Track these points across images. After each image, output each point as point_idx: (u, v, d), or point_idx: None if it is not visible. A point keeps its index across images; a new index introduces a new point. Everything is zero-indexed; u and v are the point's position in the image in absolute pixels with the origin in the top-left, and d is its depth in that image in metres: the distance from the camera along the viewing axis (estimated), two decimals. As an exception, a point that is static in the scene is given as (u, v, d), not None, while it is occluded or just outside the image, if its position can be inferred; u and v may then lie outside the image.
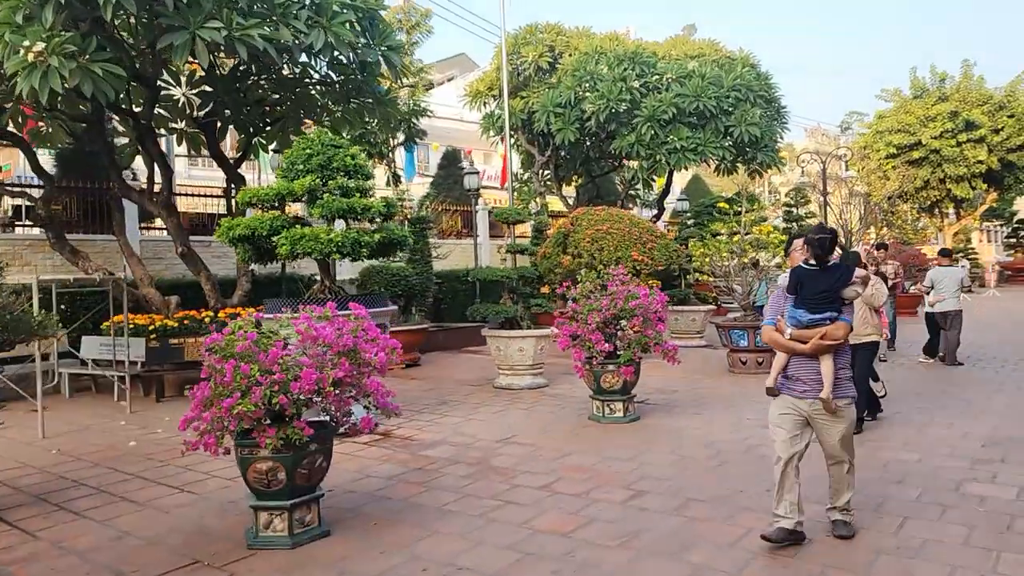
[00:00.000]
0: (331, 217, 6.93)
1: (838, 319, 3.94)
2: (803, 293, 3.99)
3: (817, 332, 3.90)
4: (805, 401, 4.02)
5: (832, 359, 3.93)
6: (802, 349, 3.94)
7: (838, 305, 3.95)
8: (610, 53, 15.13)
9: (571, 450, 6.37)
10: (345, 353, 4.27)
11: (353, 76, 9.29)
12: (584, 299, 7.55)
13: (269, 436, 4.07)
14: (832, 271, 3.98)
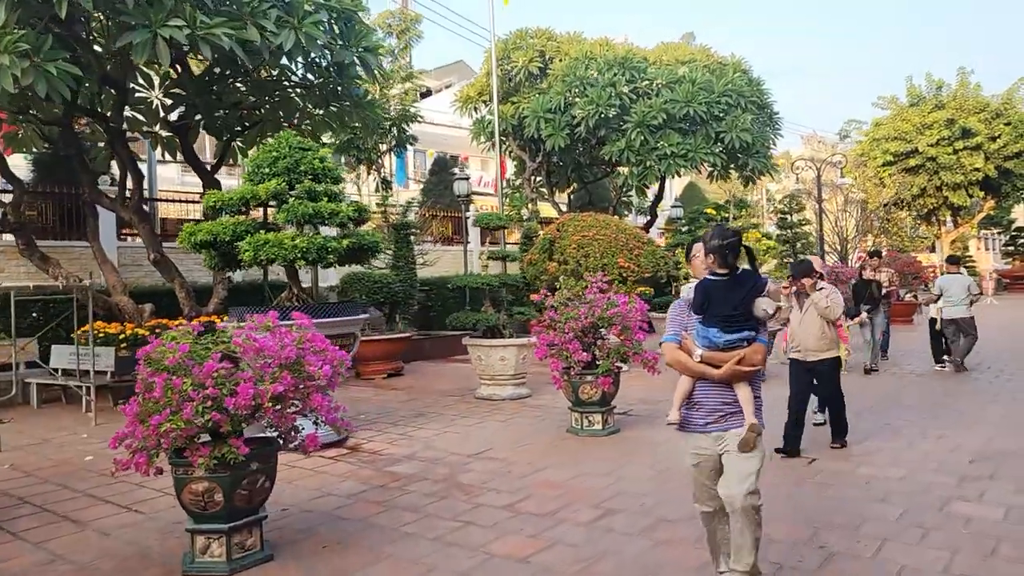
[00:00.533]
0: (297, 222, 6.68)
1: (755, 340, 3.27)
2: (712, 309, 3.28)
3: (733, 356, 3.21)
4: (710, 436, 3.35)
5: (748, 385, 3.29)
6: (714, 375, 3.24)
7: (754, 323, 3.27)
8: (600, 58, 14.94)
9: (544, 465, 6.10)
10: (287, 366, 4.01)
11: (331, 78, 9.06)
12: (562, 307, 7.30)
13: (202, 455, 3.81)
14: (742, 282, 3.28)
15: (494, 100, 15.32)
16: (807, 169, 21.01)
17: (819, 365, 6.31)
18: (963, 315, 10.41)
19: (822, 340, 6.26)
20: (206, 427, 3.81)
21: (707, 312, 3.28)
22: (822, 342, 6.26)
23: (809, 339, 6.29)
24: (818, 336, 6.25)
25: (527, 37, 16.39)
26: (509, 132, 16.93)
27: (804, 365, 6.36)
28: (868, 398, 8.73)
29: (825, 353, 6.29)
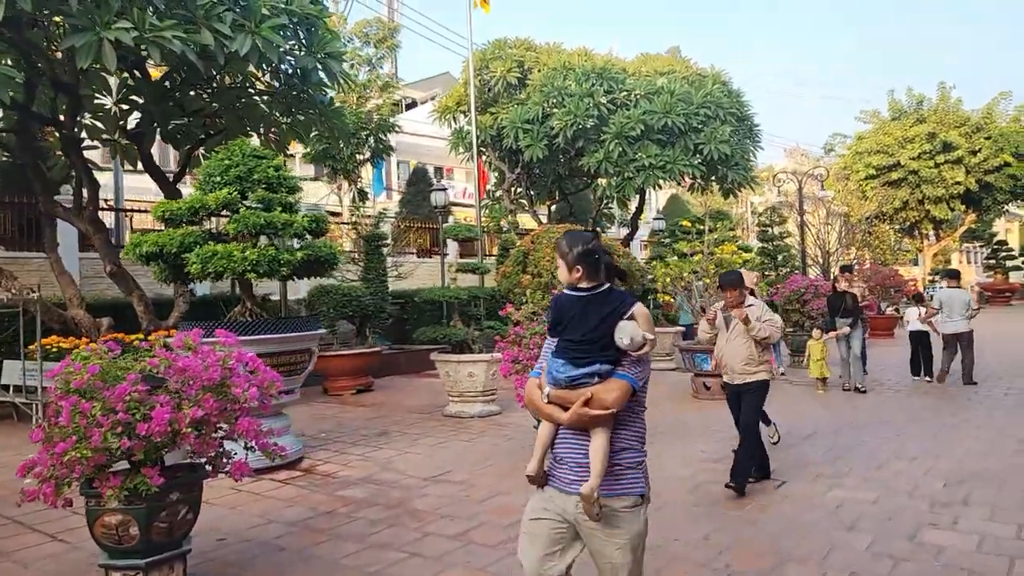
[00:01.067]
0: (248, 233, 6.40)
1: (611, 375, 2.47)
2: (565, 334, 2.57)
3: (580, 395, 2.45)
4: (572, 498, 2.53)
5: (606, 435, 2.45)
6: (562, 420, 2.51)
7: (613, 353, 2.48)
8: (578, 68, 14.79)
9: (504, 489, 5.82)
10: (210, 388, 3.72)
11: (295, 85, 8.81)
12: (528, 322, 7.05)
13: (112, 486, 3.51)
14: (605, 301, 2.56)
15: (472, 110, 15.13)
16: (789, 182, 20.95)
17: (744, 388, 5.69)
18: (964, 329, 10.49)
19: (749, 362, 5.66)
20: (117, 455, 3.51)
21: (560, 336, 2.59)
22: (749, 364, 5.66)
23: (735, 360, 5.70)
24: (745, 357, 5.65)
25: (506, 47, 16.23)
26: (488, 143, 16.73)
27: (733, 388, 5.84)
28: (845, 415, 8.53)
29: (752, 375, 5.67)
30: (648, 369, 2.59)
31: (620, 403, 2.45)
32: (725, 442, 7.23)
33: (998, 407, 8.76)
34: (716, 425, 8.13)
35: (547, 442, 2.65)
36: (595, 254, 2.58)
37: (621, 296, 2.59)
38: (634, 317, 2.51)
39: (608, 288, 2.59)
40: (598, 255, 2.59)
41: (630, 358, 2.50)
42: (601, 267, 2.58)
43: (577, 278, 2.59)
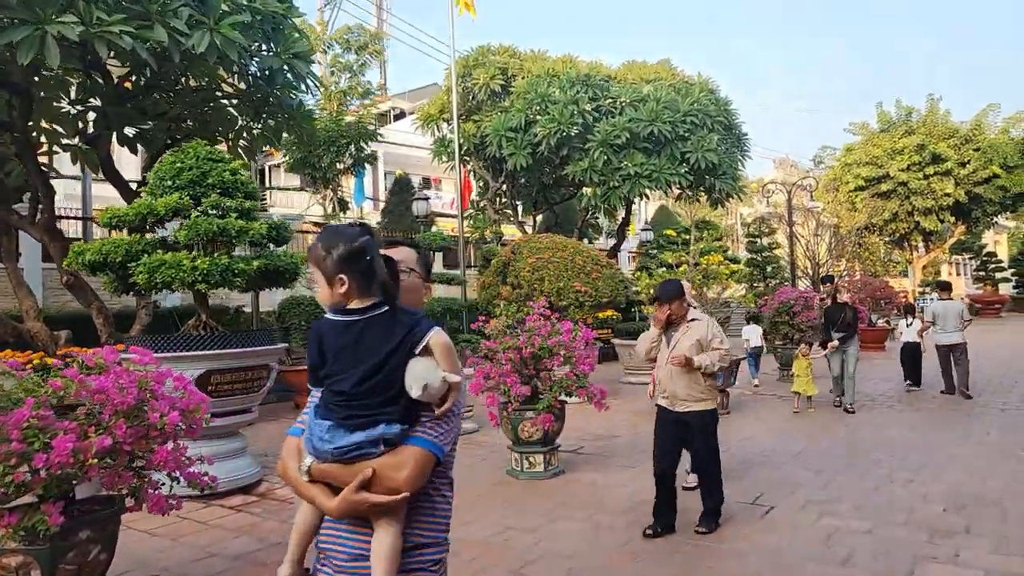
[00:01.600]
0: (201, 241, 5.98)
1: (404, 440, 1.70)
2: (331, 381, 1.74)
3: (355, 474, 1.67)
4: None
5: (395, 528, 1.70)
6: (327, 508, 1.71)
7: (404, 406, 1.70)
8: (563, 75, 14.49)
9: (469, 517, 5.39)
10: (123, 413, 3.30)
11: (261, 87, 8.43)
12: (501, 336, 6.65)
13: (6, 524, 3.08)
14: (388, 328, 1.72)
15: (454, 118, 14.79)
16: (778, 192, 20.72)
17: (690, 417, 4.84)
18: (959, 341, 10.41)
19: (693, 387, 4.80)
20: (12, 491, 3.08)
21: (324, 386, 1.74)
22: (694, 388, 4.80)
23: (678, 385, 4.82)
24: (688, 381, 4.78)
25: (489, 54, 15.93)
26: (472, 151, 16.39)
27: (670, 415, 4.91)
28: (835, 433, 8.16)
29: (698, 403, 4.84)
30: (457, 426, 1.79)
31: (417, 482, 1.68)
32: (710, 463, 6.84)
33: (995, 423, 8.42)
34: (702, 444, 7.74)
35: (308, 534, 1.81)
36: (366, 255, 1.71)
37: (413, 319, 1.73)
38: (430, 351, 1.71)
39: (391, 309, 1.73)
40: (371, 257, 1.71)
41: (431, 414, 1.71)
42: (376, 275, 1.72)
43: (342, 295, 1.72)
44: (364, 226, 1.82)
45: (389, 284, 1.74)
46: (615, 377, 13.79)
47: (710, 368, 4.76)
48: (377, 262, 1.73)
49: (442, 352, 1.73)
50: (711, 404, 4.93)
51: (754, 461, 6.91)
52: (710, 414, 4.93)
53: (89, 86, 8.24)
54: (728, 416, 9.41)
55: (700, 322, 4.93)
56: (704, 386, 4.85)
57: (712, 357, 4.77)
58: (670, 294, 4.91)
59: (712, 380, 4.91)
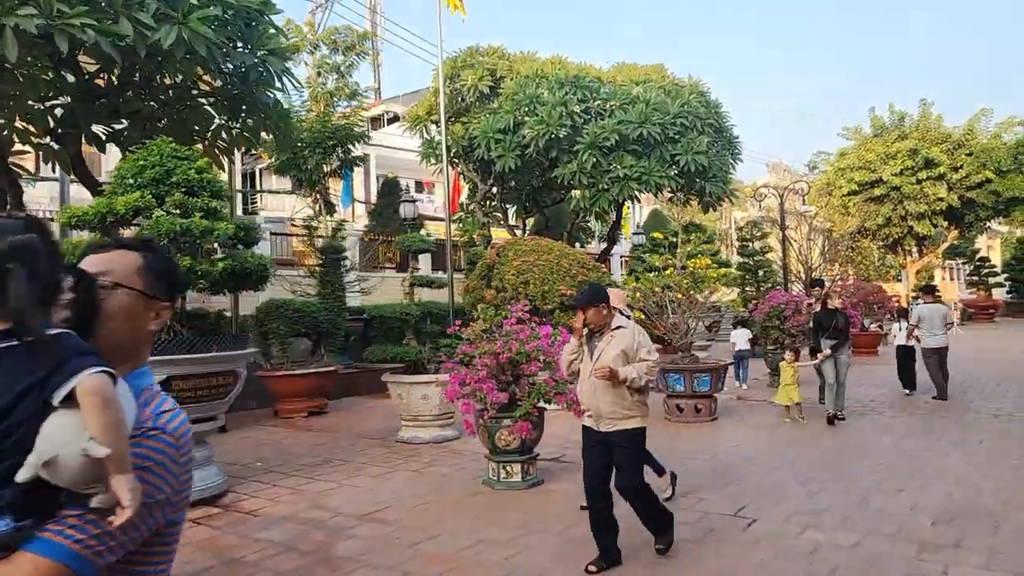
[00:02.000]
0: (163, 241, 5.74)
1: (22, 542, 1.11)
2: None
3: None
4: None
5: None
6: None
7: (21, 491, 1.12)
8: (551, 77, 14.30)
9: (440, 530, 5.16)
10: None
11: (236, 85, 8.20)
12: (478, 340, 6.43)
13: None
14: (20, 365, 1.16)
15: (442, 120, 14.57)
16: (770, 196, 20.57)
17: (615, 437, 4.26)
18: (944, 344, 10.43)
19: (619, 402, 4.24)
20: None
21: None
22: (619, 404, 4.24)
23: (602, 400, 4.25)
24: (612, 397, 4.22)
25: (478, 55, 15.73)
26: (460, 154, 16.18)
27: (595, 435, 4.35)
28: (823, 441, 7.95)
29: (624, 420, 4.26)
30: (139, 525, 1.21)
31: None
32: (695, 471, 6.63)
33: (987, 430, 8.21)
34: (685, 451, 7.52)
35: None
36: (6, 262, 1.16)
37: (61, 356, 1.17)
38: (74, 400, 1.14)
39: (45, 337, 1.18)
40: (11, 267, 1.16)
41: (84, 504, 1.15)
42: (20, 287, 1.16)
43: None
44: (29, 219, 1.25)
45: (29, 306, 1.16)
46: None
47: (637, 381, 4.19)
48: (17, 273, 1.16)
49: (92, 407, 1.13)
50: (639, 421, 4.32)
51: (739, 469, 6.70)
52: (639, 433, 4.33)
53: (57, 82, 8.00)
54: (715, 422, 9.21)
55: (626, 330, 4.33)
56: (631, 401, 4.26)
57: (639, 369, 4.21)
58: (584, 299, 4.30)
59: (641, 395, 4.32)
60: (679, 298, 9.17)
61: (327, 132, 15.58)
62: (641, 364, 4.25)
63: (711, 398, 9.38)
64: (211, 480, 6.13)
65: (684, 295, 9.25)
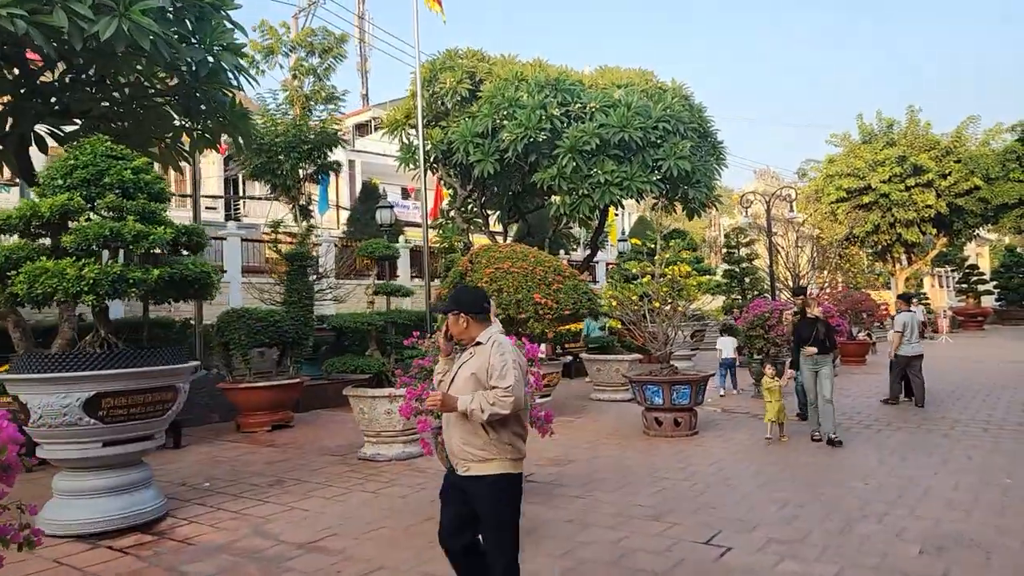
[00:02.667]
0: (90, 247, 5.33)
1: None
2: None
3: None
4: None
5: None
6: None
7: None
8: (531, 79, 13.95)
9: (386, 562, 4.74)
10: None
11: (189, 82, 7.80)
12: (435, 352, 6.01)
13: None
14: None
15: (419, 123, 14.19)
16: (757, 202, 20.28)
17: (468, 484, 3.30)
18: (920, 352, 10.55)
19: (470, 440, 3.28)
20: None
21: None
22: (472, 442, 3.27)
23: (453, 435, 3.35)
24: (463, 431, 3.29)
25: (457, 57, 15.37)
26: (439, 158, 15.79)
27: (452, 477, 3.44)
28: (803, 459, 7.55)
29: (479, 464, 3.27)
30: None
31: None
32: (670, 491, 6.23)
33: (977, 446, 7.85)
34: (663, 469, 7.13)
35: None
36: None
37: None
38: None
39: None
40: None
41: None
42: None
43: None
44: None
45: None
46: (584, 393, 13.20)
47: (478, 416, 3.17)
48: None
49: None
50: (501, 466, 3.27)
51: (715, 490, 6.31)
52: (500, 483, 3.26)
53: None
54: (695, 437, 8.82)
55: (483, 346, 3.34)
56: (487, 440, 3.25)
57: (482, 399, 3.16)
58: (440, 305, 3.68)
59: (506, 431, 3.28)
60: (657, 307, 8.79)
61: (302, 135, 15.19)
62: (487, 394, 3.19)
63: (691, 411, 8.99)
64: (147, 504, 5.68)
65: (662, 303, 8.87)
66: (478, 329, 3.41)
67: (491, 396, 3.17)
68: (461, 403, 3.22)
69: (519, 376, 3.26)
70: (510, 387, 3.18)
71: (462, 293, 3.55)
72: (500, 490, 3.28)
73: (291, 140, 14.89)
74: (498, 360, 3.26)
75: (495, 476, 3.27)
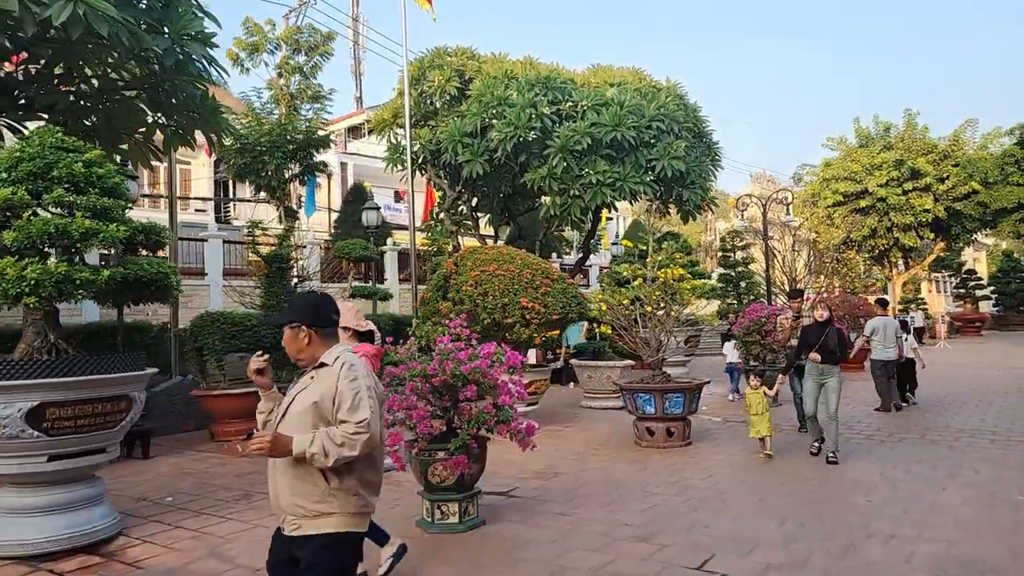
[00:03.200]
0: (35, 245, 4.93)
1: None
2: None
3: None
4: None
5: None
6: None
7: None
8: (521, 77, 13.58)
9: (349, 588, 4.32)
10: None
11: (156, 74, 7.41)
12: (409, 360, 5.63)
13: None
14: None
15: (406, 122, 13.84)
16: (753, 205, 19.94)
17: (297, 546, 2.62)
18: (894, 358, 10.59)
19: (303, 490, 2.59)
20: None
21: None
22: (303, 495, 2.59)
23: (280, 483, 2.64)
24: (293, 478, 2.60)
25: (445, 55, 15.00)
26: (427, 159, 15.40)
27: (280, 540, 2.72)
28: (805, 473, 7.16)
29: (311, 521, 2.60)
30: None
31: None
32: (661, 508, 5.85)
33: (985, 458, 7.48)
34: (654, 483, 6.74)
35: None
36: None
37: None
38: None
39: None
40: None
41: None
42: None
43: None
44: None
45: None
46: (575, 400, 12.81)
47: (320, 461, 2.48)
48: None
49: None
50: (341, 522, 2.60)
51: (709, 507, 5.92)
52: (338, 543, 2.60)
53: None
54: (689, 448, 8.43)
55: (330, 369, 2.64)
56: (326, 489, 2.57)
57: (324, 440, 2.48)
58: (277, 317, 2.86)
59: (352, 478, 2.60)
60: (648, 311, 8.41)
61: (287, 135, 14.80)
62: (332, 430, 2.51)
63: (685, 421, 8.61)
64: (96, 523, 5.27)
65: (654, 308, 8.49)
66: (323, 347, 2.70)
67: (338, 434, 2.49)
68: (297, 444, 2.48)
69: (375, 407, 2.61)
70: (364, 421, 2.52)
71: (302, 300, 2.87)
72: (336, 554, 2.60)
73: (275, 140, 14.49)
74: (348, 387, 2.57)
75: (331, 536, 2.57)
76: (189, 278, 13.89)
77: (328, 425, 2.56)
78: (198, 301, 13.37)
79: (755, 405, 7.60)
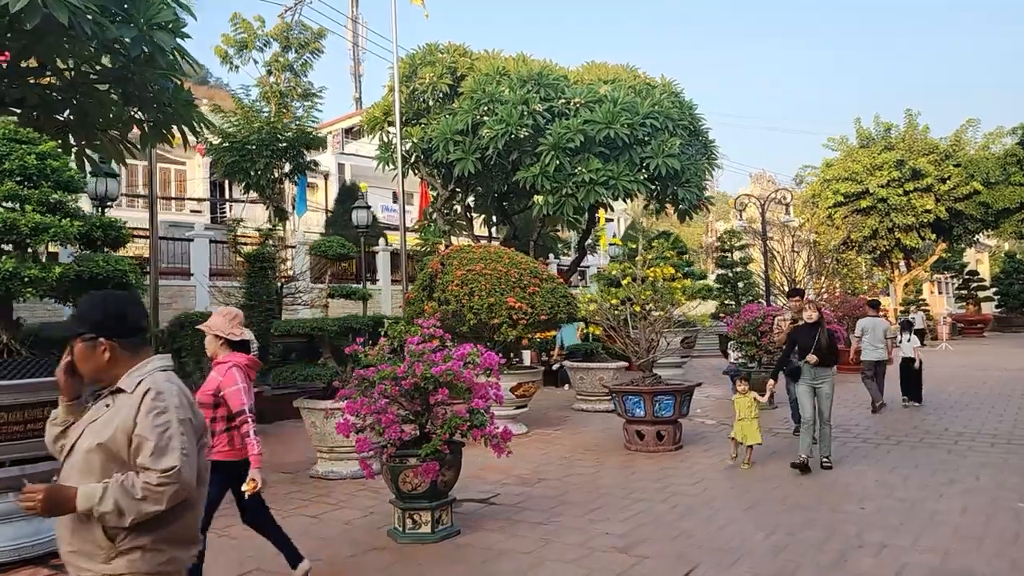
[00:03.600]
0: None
1: None
2: None
3: None
4: None
5: None
6: None
7: None
8: (513, 74, 13.34)
9: (306, 603, 4.07)
10: None
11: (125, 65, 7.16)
12: (380, 362, 5.38)
13: None
14: None
15: (397, 119, 13.61)
16: (751, 205, 19.67)
17: None
18: (883, 358, 10.62)
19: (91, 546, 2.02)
20: None
21: None
22: (93, 550, 2.02)
23: (61, 534, 2.08)
24: (70, 535, 2.05)
25: (437, 52, 14.77)
26: (420, 158, 15.16)
27: None
28: (796, 479, 6.88)
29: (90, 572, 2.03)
30: None
31: None
32: (643, 516, 5.58)
33: (986, 463, 7.19)
34: (641, 489, 6.48)
35: None
36: None
37: None
38: None
39: None
40: None
41: None
42: None
43: None
44: None
45: None
46: (568, 403, 12.54)
47: (113, 520, 1.95)
48: None
49: None
50: None
51: (695, 515, 5.65)
52: None
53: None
54: (679, 452, 8.16)
55: (129, 397, 2.06)
56: (111, 547, 2.01)
57: (118, 494, 1.93)
58: (65, 325, 2.44)
59: (149, 534, 2.02)
60: (637, 311, 8.14)
61: (276, 134, 14.58)
62: (130, 480, 1.96)
63: (675, 424, 8.34)
64: (47, 534, 5.00)
65: (643, 308, 8.22)
66: (126, 365, 2.11)
67: (138, 486, 1.94)
68: (83, 499, 1.94)
69: (190, 446, 2.03)
70: (172, 471, 1.96)
71: (98, 304, 2.17)
72: None
73: (264, 138, 14.27)
74: (151, 424, 1.98)
75: None
76: (175, 278, 13.68)
77: (124, 468, 1.99)
78: (183, 302, 13.15)
79: (743, 410, 7.27)
